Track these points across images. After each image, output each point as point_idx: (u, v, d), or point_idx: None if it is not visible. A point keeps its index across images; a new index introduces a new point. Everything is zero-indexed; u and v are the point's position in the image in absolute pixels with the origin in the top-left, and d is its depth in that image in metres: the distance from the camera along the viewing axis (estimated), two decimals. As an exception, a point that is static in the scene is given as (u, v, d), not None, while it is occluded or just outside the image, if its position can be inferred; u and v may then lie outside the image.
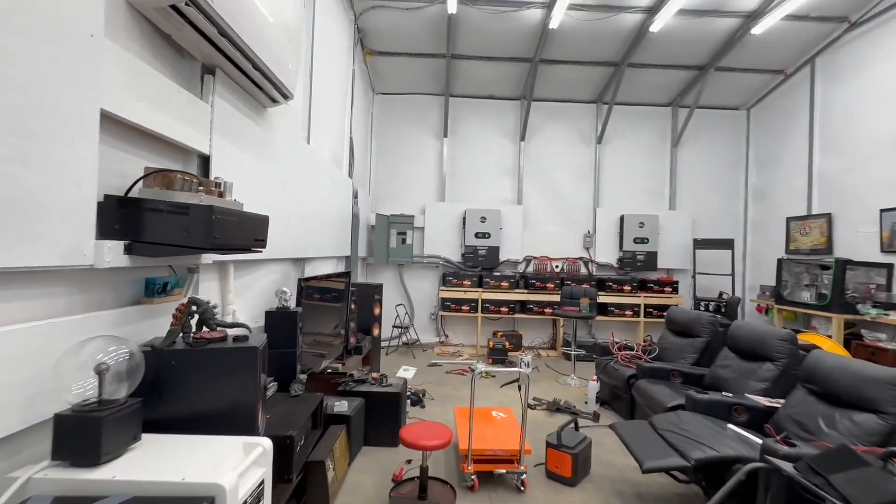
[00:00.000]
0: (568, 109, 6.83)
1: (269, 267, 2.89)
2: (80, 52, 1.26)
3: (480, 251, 6.42)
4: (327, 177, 4.12)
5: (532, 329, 6.60)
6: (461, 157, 6.80)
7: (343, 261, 5.10)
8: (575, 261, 6.66)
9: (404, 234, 6.52)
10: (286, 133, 2.98)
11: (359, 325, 4.52)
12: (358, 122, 5.85)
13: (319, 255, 3.95)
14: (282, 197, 2.92)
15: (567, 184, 6.80)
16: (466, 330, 6.64)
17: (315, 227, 3.77)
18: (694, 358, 3.84)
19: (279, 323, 2.44)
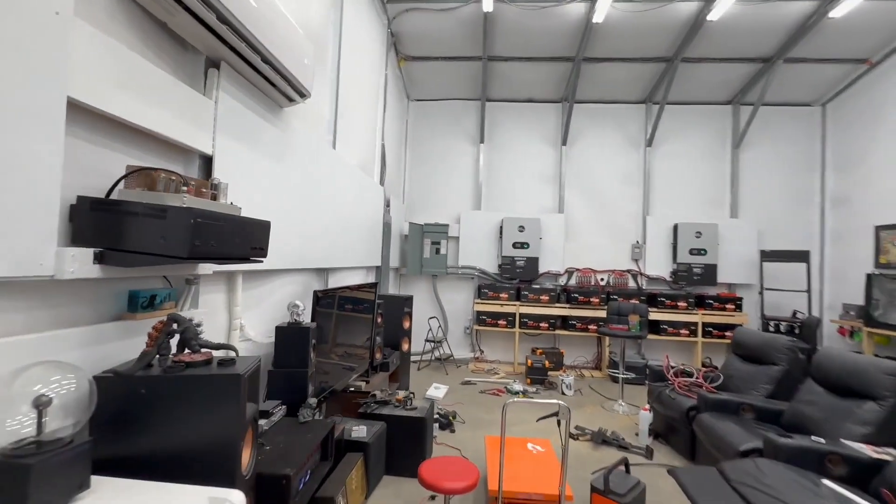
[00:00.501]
0: (614, 111, 6.37)
1: (286, 277, 2.72)
2: (41, 31, 1.09)
3: (518, 262, 6.05)
4: (355, 184, 3.95)
5: (574, 347, 6.12)
6: (498, 164, 6.50)
7: (373, 271, 4.92)
8: (622, 273, 6.14)
9: (438, 243, 6.27)
10: (308, 136, 2.82)
11: (386, 339, 4.30)
12: (391, 129, 5.71)
13: (346, 265, 3.76)
14: (301, 203, 2.74)
15: (613, 190, 6.32)
16: (503, 346, 6.26)
17: (341, 236, 3.59)
18: (768, 390, 3.29)
19: (290, 340, 2.23)
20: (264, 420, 1.95)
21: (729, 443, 2.66)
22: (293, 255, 2.67)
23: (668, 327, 5.71)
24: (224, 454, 1.25)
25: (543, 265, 6.16)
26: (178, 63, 1.72)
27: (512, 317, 5.92)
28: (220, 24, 1.62)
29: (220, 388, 1.27)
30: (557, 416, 2.12)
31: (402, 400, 3.09)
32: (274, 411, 2.02)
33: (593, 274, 6.16)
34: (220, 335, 2.07)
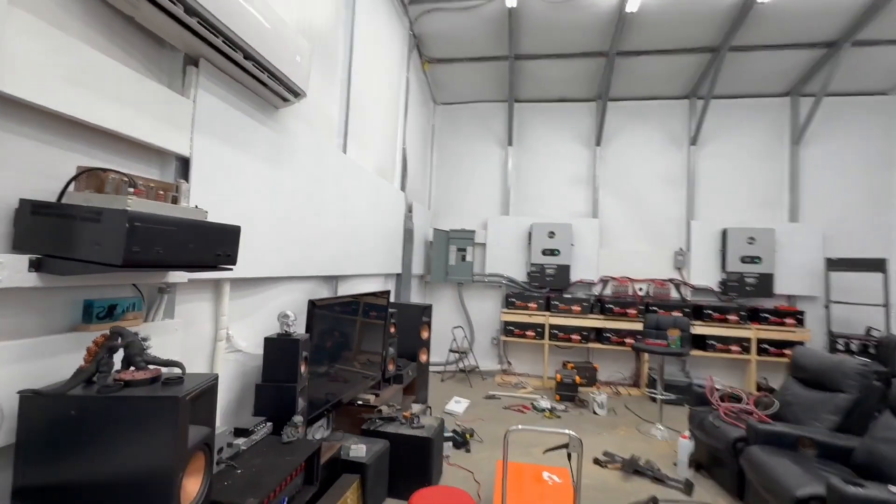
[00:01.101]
0: (653, 108, 5.92)
1: (286, 285, 2.61)
2: (-37, 21, 1.01)
3: (548, 270, 5.72)
4: (371, 189, 3.83)
5: (610, 361, 5.68)
6: (527, 167, 6.22)
7: (392, 279, 4.79)
8: (663, 283, 5.65)
9: (464, 250, 6.06)
10: (311, 139, 2.72)
11: (403, 350, 4.12)
12: (416, 134, 5.60)
13: (359, 272, 3.64)
14: (303, 208, 2.64)
15: (653, 193, 5.85)
16: (532, 358, 5.93)
17: (352, 243, 3.47)
18: (834, 421, 2.80)
19: (279, 352, 2.10)
20: (243, 439, 1.82)
21: (783, 486, 2.25)
22: (293, 263, 2.56)
23: (717, 343, 5.17)
24: (157, 486, 1.11)
25: (575, 273, 5.79)
26: (151, 60, 1.65)
27: (541, 328, 5.59)
28: (189, 17, 1.53)
29: (154, 411, 1.13)
30: (567, 449, 1.85)
31: (409, 417, 2.90)
32: (256, 429, 1.89)
33: (630, 283, 5.71)
34: (204, 346, 1.97)
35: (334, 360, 2.70)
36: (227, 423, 2.05)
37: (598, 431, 4.03)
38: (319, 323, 2.44)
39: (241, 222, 2.03)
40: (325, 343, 2.54)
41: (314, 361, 2.40)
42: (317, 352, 2.45)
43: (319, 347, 2.49)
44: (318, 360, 2.46)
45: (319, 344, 2.47)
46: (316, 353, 2.42)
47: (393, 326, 3.62)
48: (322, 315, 2.48)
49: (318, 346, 2.46)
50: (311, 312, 2.31)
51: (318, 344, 2.46)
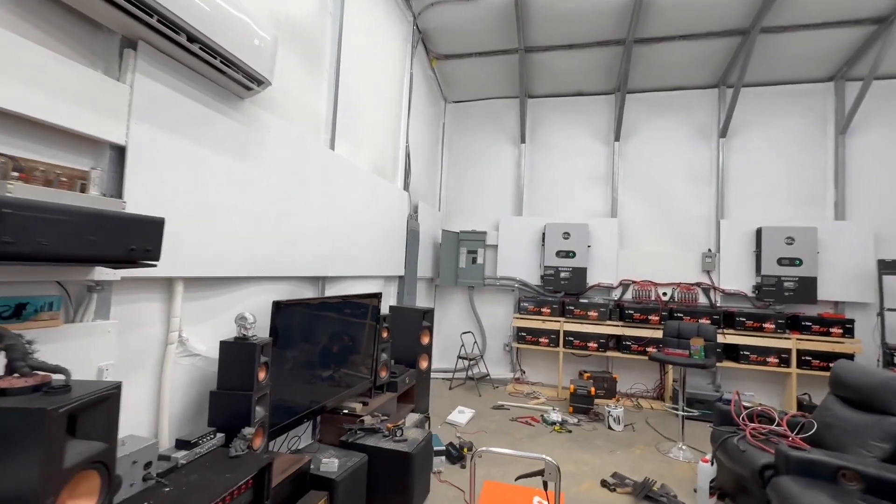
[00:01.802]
0: (677, 99, 5.51)
1: (260, 285, 2.48)
2: None
3: (563, 273, 5.40)
4: (366, 188, 3.68)
5: (631, 371, 5.28)
6: (541, 165, 5.93)
7: (395, 282, 4.61)
8: (690, 287, 5.20)
9: (475, 252, 5.83)
10: (287, 133, 2.59)
11: (400, 356, 3.94)
12: (424, 133, 5.44)
13: (353, 273, 3.49)
14: (278, 205, 2.51)
15: (677, 190, 5.43)
16: (547, 366, 5.60)
17: (345, 243, 3.33)
18: (884, 450, 2.38)
19: (235, 357, 1.95)
20: (184, 452, 1.67)
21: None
22: (266, 262, 2.43)
23: (751, 354, 4.68)
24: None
25: (593, 277, 5.43)
26: (82, 43, 1.54)
27: (555, 334, 5.26)
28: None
29: (19, 425, 0.98)
30: (543, 477, 1.59)
31: (392, 428, 2.69)
32: (201, 441, 1.74)
33: (653, 287, 5.30)
34: (152, 349, 1.85)
35: (312, 365, 2.54)
36: (180, 432, 1.92)
37: (612, 449, 3.69)
38: (288, 326, 2.29)
39: (196, 217, 1.91)
40: (298, 347, 2.38)
41: (284, 366, 2.24)
42: (287, 356, 2.29)
43: (291, 351, 2.33)
44: (289, 365, 2.31)
45: (291, 348, 2.32)
46: (286, 358, 2.27)
47: (386, 330, 3.44)
48: (293, 317, 2.33)
49: (290, 350, 2.31)
50: (276, 314, 2.16)
51: (290, 348, 2.31)
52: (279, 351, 2.20)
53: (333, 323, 2.76)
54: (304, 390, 2.49)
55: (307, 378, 2.51)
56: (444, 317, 6.07)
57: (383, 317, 3.42)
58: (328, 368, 2.72)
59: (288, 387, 2.31)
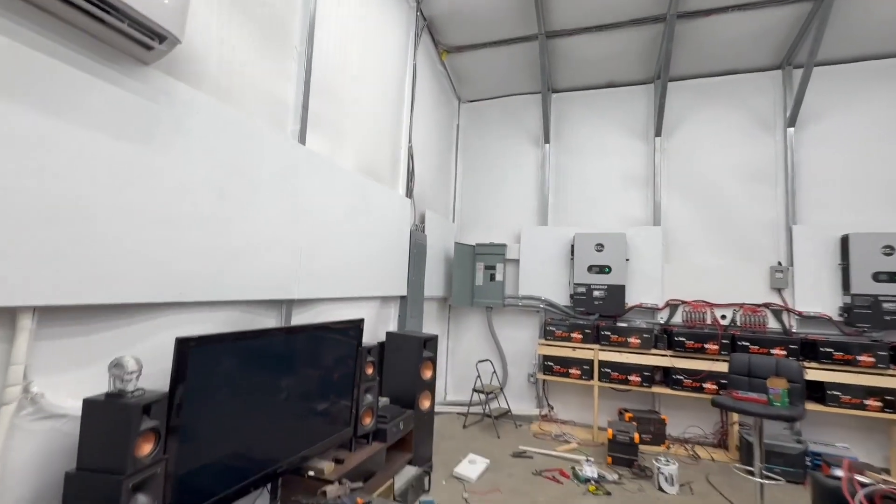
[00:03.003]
0: (730, 85, 4.66)
1: (185, 314, 1.88)
2: None
3: (596, 292, 4.59)
4: (352, 192, 3.09)
5: (683, 410, 4.35)
6: (569, 167, 5.18)
7: (395, 304, 3.97)
8: (756, 309, 4.26)
9: (493, 268, 5.12)
10: (225, 116, 2.02)
11: (395, 394, 3.27)
12: (436, 135, 4.86)
13: (331, 295, 2.87)
14: (208, 208, 1.93)
15: (734, 191, 4.53)
16: (579, 401, 4.75)
17: (320, 258, 2.73)
18: None
19: (101, 424, 1.34)
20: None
21: None
22: (194, 282, 1.84)
23: (842, 394, 3.69)
24: None
25: (633, 296, 4.59)
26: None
27: (588, 365, 4.43)
28: None
29: None
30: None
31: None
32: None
33: (708, 309, 4.39)
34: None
35: (257, 417, 1.90)
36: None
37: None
38: (211, 369, 1.67)
39: (53, 219, 1.35)
40: (227, 396, 1.76)
41: (207, 422, 1.61)
42: (210, 409, 1.67)
43: (217, 402, 1.70)
44: (214, 421, 1.68)
45: (215, 398, 1.69)
46: (207, 412, 1.64)
47: (371, 366, 2.77)
48: (218, 357, 1.71)
49: (215, 400, 1.68)
50: (182, 355, 1.54)
51: (214, 398, 1.68)
52: (196, 404, 1.58)
53: (290, 360, 2.13)
54: (243, 451, 1.85)
55: (249, 434, 1.87)
56: (458, 342, 5.35)
57: (367, 349, 2.76)
58: (283, 419, 2.08)
59: (215, 449, 1.68)
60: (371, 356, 2.79)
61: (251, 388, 1.88)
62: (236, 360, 1.80)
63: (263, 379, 1.95)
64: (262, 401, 1.95)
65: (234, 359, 1.78)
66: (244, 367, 1.84)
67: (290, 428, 2.12)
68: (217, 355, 1.70)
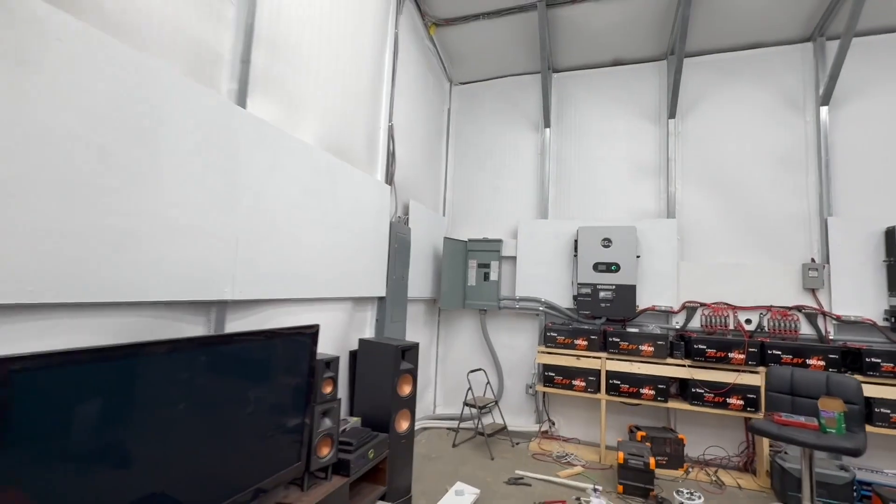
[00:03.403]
0: (754, 60, 4.15)
1: (41, 320, 1.36)
2: None
3: (603, 293, 4.06)
4: (313, 171, 2.58)
5: (703, 427, 3.82)
6: (571, 154, 4.66)
7: (372, 306, 3.44)
8: (787, 312, 3.73)
9: (487, 266, 4.60)
10: (104, 51, 1.51)
11: (368, 413, 2.75)
12: (423, 118, 4.36)
13: (283, 296, 2.35)
14: (86, 172, 1.41)
15: (759, 179, 4.01)
16: (585, 416, 4.22)
17: (266, 251, 2.21)
18: None
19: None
20: None
21: None
22: (58, 275, 1.32)
23: (891, 412, 3.15)
24: None
25: (644, 297, 4.07)
26: None
27: (594, 375, 3.90)
28: None
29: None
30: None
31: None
32: None
33: (731, 312, 3.86)
34: None
35: (144, 467, 1.38)
36: None
37: (693, 576, 2.30)
38: (55, 402, 1.15)
39: None
40: (89, 438, 1.23)
41: (54, 476, 1.09)
42: (55, 457, 1.15)
43: (71, 447, 1.18)
44: (69, 476, 1.16)
45: (70, 441, 1.17)
46: (55, 461, 1.12)
47: (329, 383, 2.25)
48: (70, 383, 1.18)
49: (67, 444, 1.16)
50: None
51: (65, 441, 1.16)
52: (29, 453, 1.06)
53: (201, 382, 1.60)
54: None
55: (134, 489, 1.35)
56: (449, 349, 4.82)
57: (325, 361, 2.23)
58: (198, 462, 1.56)
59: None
60: (330, 371, 2.26)
61: (139, 425, 1.36)
62: (105, 387, 1.27)
63: (160, 411, 1.43)
64: (157, 441, 1.42)
65: (100, 384, 1.26)
66: (120, 396, 1.32)
67: (207, 473, 1.60)
68: (69, 380, 1.18)
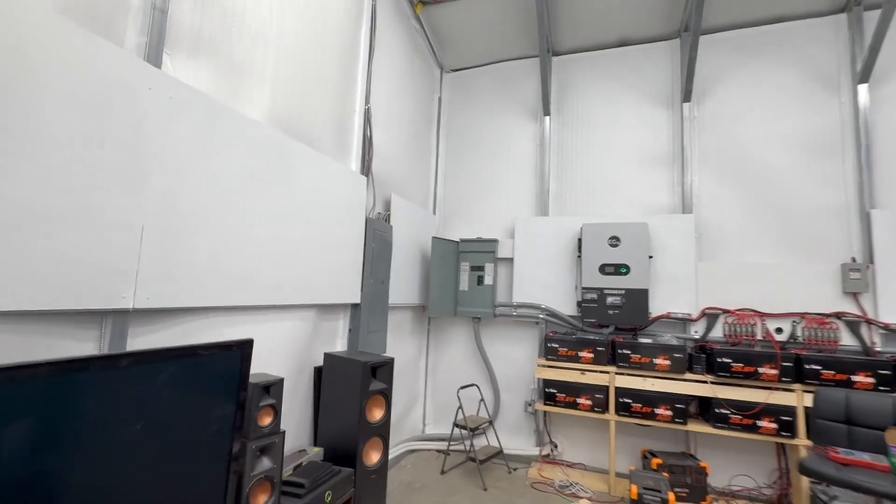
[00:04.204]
0: (779, 35, 3.69)
1: None
2: None
3: (611, 298, 3.59)
4: (260, 152, 2.15)
5: (725, 450, 3.33)
6: (573, 143, 4.21)
7: (344, 315, 3.00)
8: (824, 320, 3.23)
9: (481, 269, 4.14)
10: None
11: (333, 443, 2.30)
12: (408, 105, 3.96)
13: (216, 304, 1.91)
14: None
15: (789, 168, 3.53)
16: (592, 438, 3.73)
17: (198, 249, 1.79)
18: None
19: None
20: None
21: None
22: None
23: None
24: None
25: (658, 303, 3.59)
26: None
27: (602, 392, 3.42)
28: None
29: None
30: None
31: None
32: None
33: (759, 320, 3.37)
34: None
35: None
36: None
37: None
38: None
39: None
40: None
41: None
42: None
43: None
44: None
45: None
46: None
47: (268, 413, 1.79)
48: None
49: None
50: None
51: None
52: None
53: (70, 425, 1.16)
54: None
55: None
56: (440, 361, 4.36)
57: (263, 386, 1.79)
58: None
59: None
60: (270, 397, 1.81)
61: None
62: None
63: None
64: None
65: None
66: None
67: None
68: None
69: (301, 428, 2.54)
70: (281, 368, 2.35)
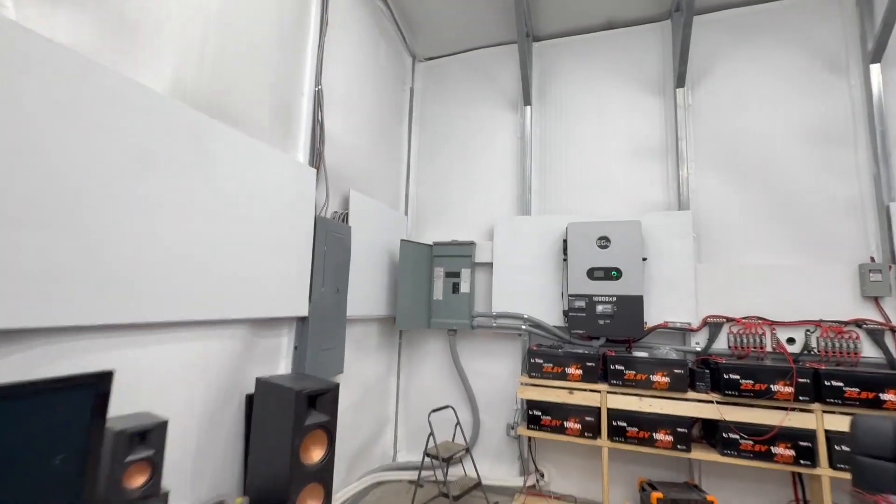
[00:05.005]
0: (780, 14, 3.35)
1: None
2: None
3: (601, 306, 3.18)
4: (165, 133, 1.72)
5: (733, 479, 2.91)
6: (557, 135, 3.82)
7: (288, 331, 2.54)
8: (841, 328, 2.84)
9: (457, 275, 3.72)
10: None
11: (262, 488, 1.84)
12: (372, 94, 3.56)
13: (91, 322, 1.46)
14: None
15: (795, 159, 3.17)
16: (583, 467, 3.28)
17: (78, 248, 1.34)
18: None
19: None
20: None
21: None
22: None
23: None
24: None
25: (654, 311, 3.18)
26: None
27: (593, 414, 2.98)
28: None
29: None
30: None
31: None
32: None
33: (768, 329, 2.97)
34: None
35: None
36: None
37: None
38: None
39: None
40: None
41: None
42: None
43: None
44: None
45: None
46: None
47: (142, 469, 1.34)
48: None
49: None
50: None
51: None
52: None
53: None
54: None
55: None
56: (412, 380, 3.91)
57: (134, 433, 1.33)
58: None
59: None
60: (147, 447, 1.35)
61: None
62: None
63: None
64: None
65: None
66: None
67: None
68: None
69: (226, 472, 2.07)
70: (195, 400, 1.89)
